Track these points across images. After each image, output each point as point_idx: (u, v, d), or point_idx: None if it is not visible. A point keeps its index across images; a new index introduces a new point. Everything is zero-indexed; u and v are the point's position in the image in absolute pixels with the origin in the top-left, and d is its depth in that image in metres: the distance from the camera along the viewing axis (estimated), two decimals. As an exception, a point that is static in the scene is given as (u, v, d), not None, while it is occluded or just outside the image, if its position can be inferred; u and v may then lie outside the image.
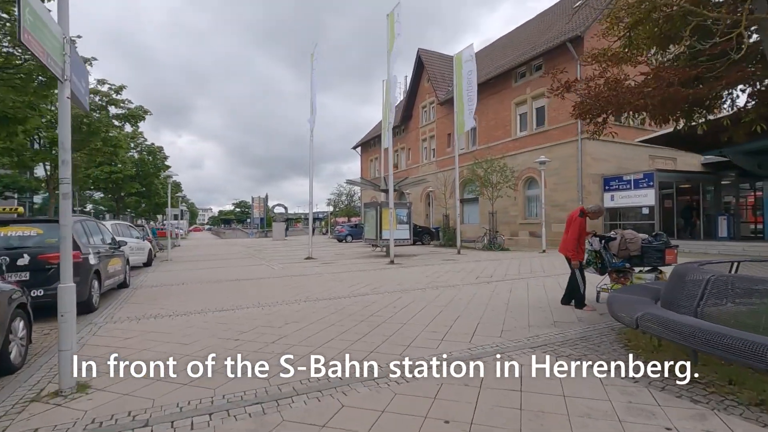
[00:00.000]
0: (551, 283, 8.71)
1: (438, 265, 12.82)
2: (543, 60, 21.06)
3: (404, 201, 16.57)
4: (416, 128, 32.83)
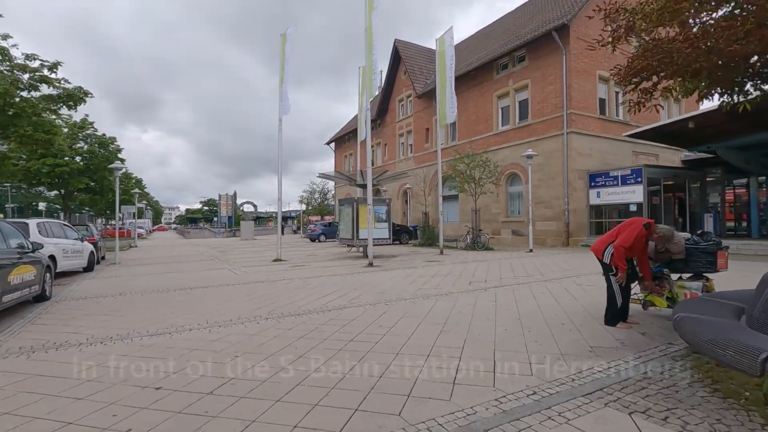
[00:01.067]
0: (557, 288, 7.57)
1: (422, 267, 11.55)
2: (526, 51, 20.19)
3: (382, 197, 15.25)
4: (393, 122, 31.57)
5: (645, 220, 4.80)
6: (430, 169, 25.97)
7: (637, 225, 4.69)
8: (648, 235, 4.71)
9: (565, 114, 18.14)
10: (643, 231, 4.65)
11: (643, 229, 4.65)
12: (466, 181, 18.05)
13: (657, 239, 4.76)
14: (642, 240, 4.68)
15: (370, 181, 12.15)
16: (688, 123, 14.49)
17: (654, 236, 4.74)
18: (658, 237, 4.73)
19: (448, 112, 15.37)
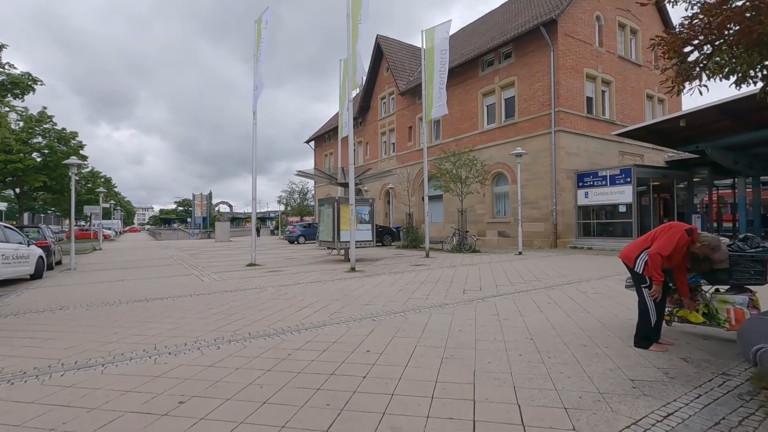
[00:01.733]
0: (560, 297, 6.83)
1: (409, 272, 10.70)
2: (513, 47, 19.63)
3: (365, 197, 14.35)
4: (374, 121, 30.70)
5: (685, 225, 4.05)
6: (413, 169, 25.21)
7: (677, 230, 3.93)
8: (690, 243, 3.96)
9: (553, 112, 17.63)
10: (686, 238, 3.90)
11: (685, 236, 3.89)
12: (452, 180, 17.32)
13: (700, 249, 4.00)
14: (683, 248, 3.93)
15: (352, 178, 11.24)
16: (679, 121, 14.13)
17: (697, 245, 3.98)
18: (701, 246, 3.98)
19: (436, 107, 14.58)
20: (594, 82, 19.22)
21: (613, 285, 7.99)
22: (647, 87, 21.80)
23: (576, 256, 14.09)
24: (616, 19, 20.33)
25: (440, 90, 14.40)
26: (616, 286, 7.80)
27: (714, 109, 12.87)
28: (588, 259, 13.02)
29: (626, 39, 20.88)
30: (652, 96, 22.11)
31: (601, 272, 9.88)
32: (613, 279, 8.78)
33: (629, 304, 6.14)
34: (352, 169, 11.11)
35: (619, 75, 20.25)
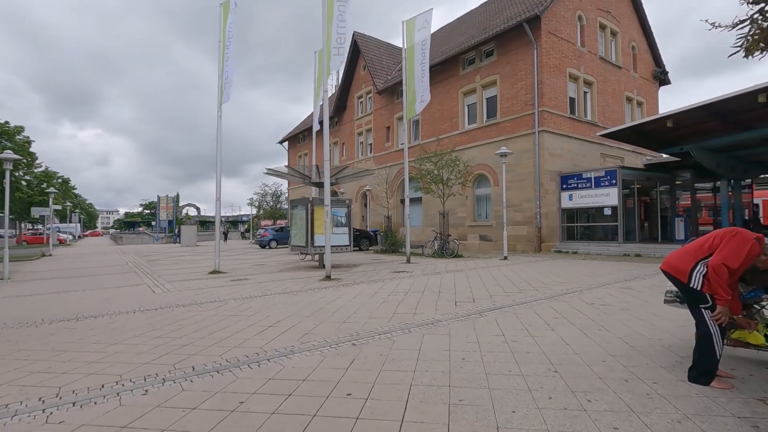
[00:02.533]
0: (568, 311, 5.97)
1: (390, 280, 9.68)
2: (495, 45, 19.02)
3: (342, 198, 13.26)
4: (351, 120, 29.66)
5: (752, 233, 3.20)
6: (392, 170, 24.29)
7: (746, 238, 3.08)
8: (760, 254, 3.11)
9: (536, 111, 17.07)
10: (757, 248, 3.05)
11: (756, 245, 3.05)
12: (434, 181, 16.46)
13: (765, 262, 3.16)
14: (751, 260, 3.08)
15: (327, 177, 10.13)
16: (665, 122, 13.72)
17: (763, 258, 3.14)
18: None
19: (417, 103, 13.68)
20: (576, 82, 18.83)
21: (618, 294, 7.21)
22: (627, 89, 21.66)
23: (564, 261, 13.43)
24: (597, 19, 20.07)
25: (422, 83, 13.52)
26: (622, 296, 7.02)
27: (703, 108, 12.49)
28: (578, 265, 12.36)
29: (606, 40, 20.66)
30: (631, 99, 21.99)
31: (599, 279, 9.14)
32: (614, 287, 8.03)
33: (650, 319, 5.32)
34: (328, 167, 10.01)
35: (600, 76, 19.98)
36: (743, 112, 12.77)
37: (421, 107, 13.95)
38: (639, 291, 7.52)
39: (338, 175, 12.99)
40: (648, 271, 10.31)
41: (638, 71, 22.52)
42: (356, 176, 14.50)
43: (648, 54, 23.39)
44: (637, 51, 22.51)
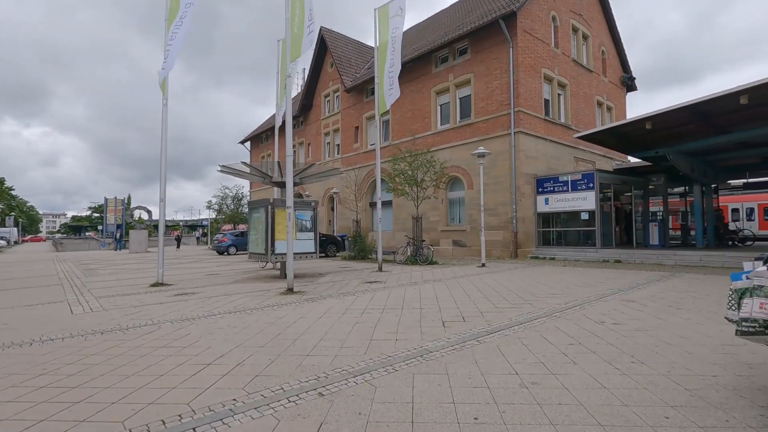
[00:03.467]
0: (580, 333, 4.99)
1: (362, 293, 8.47)
2: (469, 42, 18.30)
3: (307, 200, 11.89)
4: (317, 120, 28.28)
5: None
6: (361, 172, 23.10)
7: None
8: None
9: (512, 112, 16.42)
10: None
11: None
12: (407, 183, 15.41)
13: None
14: None
15: (290, 174, 8.78)
16: (644, 124, 13.34)
17: None
18: None
19: (387, 96, 12.60)
20: (551, 84, 18.41)
21: (622, 309, 6.34)
22: (597, 94, 21.57)
23: (544, 268, 12.69)
24: (570, 22, 19.82)
25: (392, 75, 12.46)
26: (629, 311, 6.15)
27: (685, 110, 12.13)
28: (561, 273, 11.61)
29: (579, 43, 20.46)
30: (602, 103, 21.93)
31: (592, 290, 8.33)
32: (612, 300, 7.19)
33: (681, 344, 4.40)
34: (290, 163, 8.67)
35: (573, 79, 19.70)
36: (723, 114, 12.54)
37: (392, 101, 12.86)
38: (643, 304, 6.70)
39: (303, 174, 11.65)
40: (637, 280, 9.64)
41: (608, 76, 22.54)
42: (322, 176, 13.21)
43: (616, 60, 23.52)
44: (606, 56, 22.53)
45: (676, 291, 7.95)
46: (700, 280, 9.52)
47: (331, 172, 13.01)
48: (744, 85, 10.81)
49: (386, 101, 12.97)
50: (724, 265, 11.71)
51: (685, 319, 5.64)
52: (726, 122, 13.05)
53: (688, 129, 13.89)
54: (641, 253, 13.88)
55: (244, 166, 10.47)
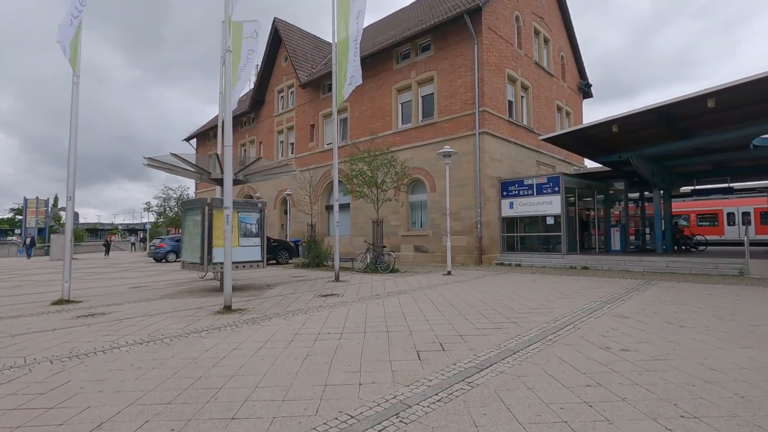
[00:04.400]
0: (590, 367, 3.98)
1: (316, 310, 7.13)
2: (432, 38, 17.48)
3: (253, 200, 10.26)
4: (270, 117, 26.48)
5: None
6: (317, 172, 21.64)
7: None
8: None
9: (477, 111, 15.71)
10: None
11: None
12: (367, 184, 14.21)
13: None
14: None
15: (229, 168, 7.26)
16: (611, 126, 13.00)
17: None
18: None
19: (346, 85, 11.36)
20: (514, 85, 17.96)
21: (622, 328, 5.47)
22: (557, 98, 21.51)
23: (513, 276, 11.92)
24: (532, 24, 19.57)
25: (354, 61, 11.24)
26: (631, 332, 5.27)
27: (653, 112, 11.84)
28: (532, 281, 10.85)
29: (540, 46, 20.28)
30: (561, 108, 21.91)
31: (573, 302, 7.49)
32: (603, 316, 6.35)
33: (723, 383, 3.47)
34: (230, 154, 7.17)
35: (535, 82, 19.42)
36: (687, 118, 12.38)
37: (350, 90, 11.60)
38: (639, 321, 5.89)
39: (248, 170, 10.11)
40: (614, 289, 8.99)
41: (566, 81, 22.61)
42: (272, 173, 11.71)
43: (574, 66, 23.71)
44: (565, 62, 22.61)
45: (663, 303, 7.28)
46: (677, 288, 9.02)
47: (282, 169, 11.53)
48: (712, 88, 10.61)
49: (344, 90, 11.70)
50: (691, 272, 11.47)
51: (697, 341, 4.82)
52: (689, 127, 12.98)
53: (652, 133, 13.74)
54: (608, 260, 13.51)
55: (175, 160, 8.80)
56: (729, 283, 9.67)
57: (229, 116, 7.17)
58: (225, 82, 6.95)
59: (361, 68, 11.71)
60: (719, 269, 11.23)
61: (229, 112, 7.21)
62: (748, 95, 10.69)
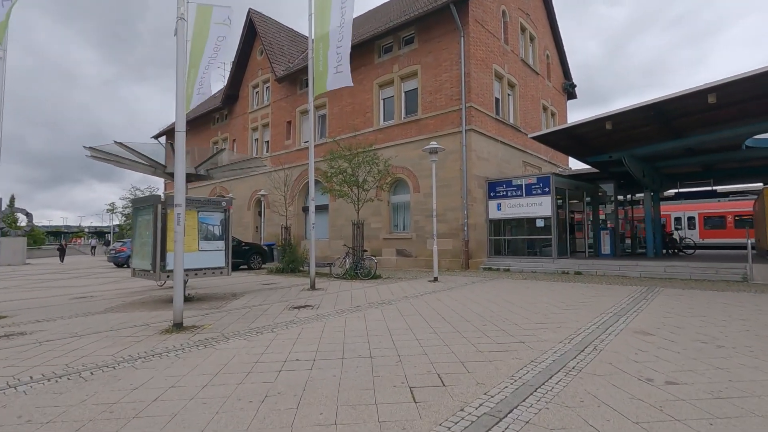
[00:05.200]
0: (640, 411, 3.02)
1: (284, 327, 6.02)
2: (416, 30, 16.58)
3: (216, 198, 8.96)
4: (244, 113, 25.10)
5: None
6: (293, 171, 20.42)
7: None
8: None
9: (463, 107, 14.87)
10: None
11: None
12: (347, 182, 13.14)
13: None
14: None
15: (181, 156, 6.01)
16: (605, 123, 12.34)
17: None
18: None
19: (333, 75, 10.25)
20: (501, 82, 17.25)
21: (653, 350, 4.58)
22: (543, 98, 20.97)
23: (505, 283, 11.06)
24: (519, 20, 18.95)
25: (340, 50, 10.16)
26: (667, 355, 4.39)
27: (649, 108, 11.21)
28: (528, 288, 9.99)
29: (526, 44, 19.68)
30: (546, 108, 21.38)
31: (583, 315, 6.62)
32: (625, 333, 5.48)
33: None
34: (182, 140, 5.95)
35: (522, 80, 18.78)
36: (684, 116, 11.82)
37: (336, 83, 10.48)
38: (667, 340, 5.03)
39: (211, 164, 8.88)
40: (619, 298, 8.19)
41: (552, 81, 22.13)
42: (237, 167, 10.53)
43: (559, 66, 23.27)
44: (550, 61, 22.13)
45: (680, 315, 6.47)
46: (686, 296, 8.28)
47: (251, 163, 10.36)
48: (713, 82, 10.03)
49: (328, 81, 10.56)
50: (691, 277, 10.84)
51: (751, 367, 3.96)
52: (683, 126, 12.44)
53: (644, 132, 13.18)
54: (601, 264, 12.83)
55: (121, 149, 7.54)
56: (737, 289, 9.04)
57: (182, 92, 5.99)
58: (178, 52, 5.79)
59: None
60: (720, 274, 10.64)
61: (181, 87, 6.03)
62: (745, 92, 10.18)
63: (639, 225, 18.62)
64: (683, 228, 22.55)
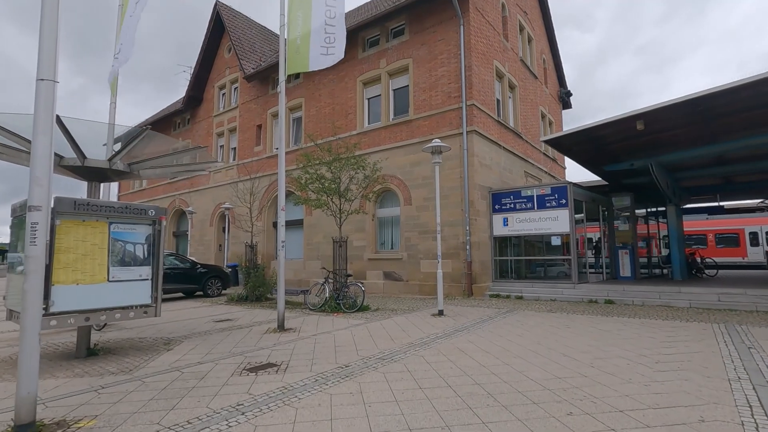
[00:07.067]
0: None
1: (227, 416, 3.40)
2: (407, 20, 14.53)
3: (139, 206, 6.20)
4: (208, 117, 22.37)
5: None
6: (262, 181, 17.77)
7: None
8: None
9: (464, 105, 12.75)
10: None
11: None
12: (326, 192, 10.64)
13: None
14: None
15: (46, 117, 3.44)
16: (633, 123, 10.40)
17: None
18: None
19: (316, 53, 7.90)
20: (502, 81, 15.33)
21: None
22: (541, 104, 19.26)
23: (530, 317, 8.72)
24: (517, 17, 17.26)
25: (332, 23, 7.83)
26: None
27: (688, 104, 9.32)
28: (566, 326, 7.65)
29: (524, 44, 17.99)
30: (544, 115, 19.67)
31: (691, 377, 4.30)
32: None
33: None
34: (51, 89, 3.41)
35: (521, 82, 16.97)
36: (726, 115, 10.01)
37: (322, 63, 8.09)
38: None
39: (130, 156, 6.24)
40: (705, 341, 5.94)
41: (548, 87, 20.53)
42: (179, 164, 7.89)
43: (554, 73, 21.78)
44: (546, 66, 20.57)
45: None
46: (791, 340, 6.13)
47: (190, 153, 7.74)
48: None
49: (311, 60, 8.18)
50: (757, 309, 8.78)
51: None
52: (724, 127, 10.66)
53: (674, 136, 11.37)
54: (633, 291, 10.69)
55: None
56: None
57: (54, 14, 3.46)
58: None
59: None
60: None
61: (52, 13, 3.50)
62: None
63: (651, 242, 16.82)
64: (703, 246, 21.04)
